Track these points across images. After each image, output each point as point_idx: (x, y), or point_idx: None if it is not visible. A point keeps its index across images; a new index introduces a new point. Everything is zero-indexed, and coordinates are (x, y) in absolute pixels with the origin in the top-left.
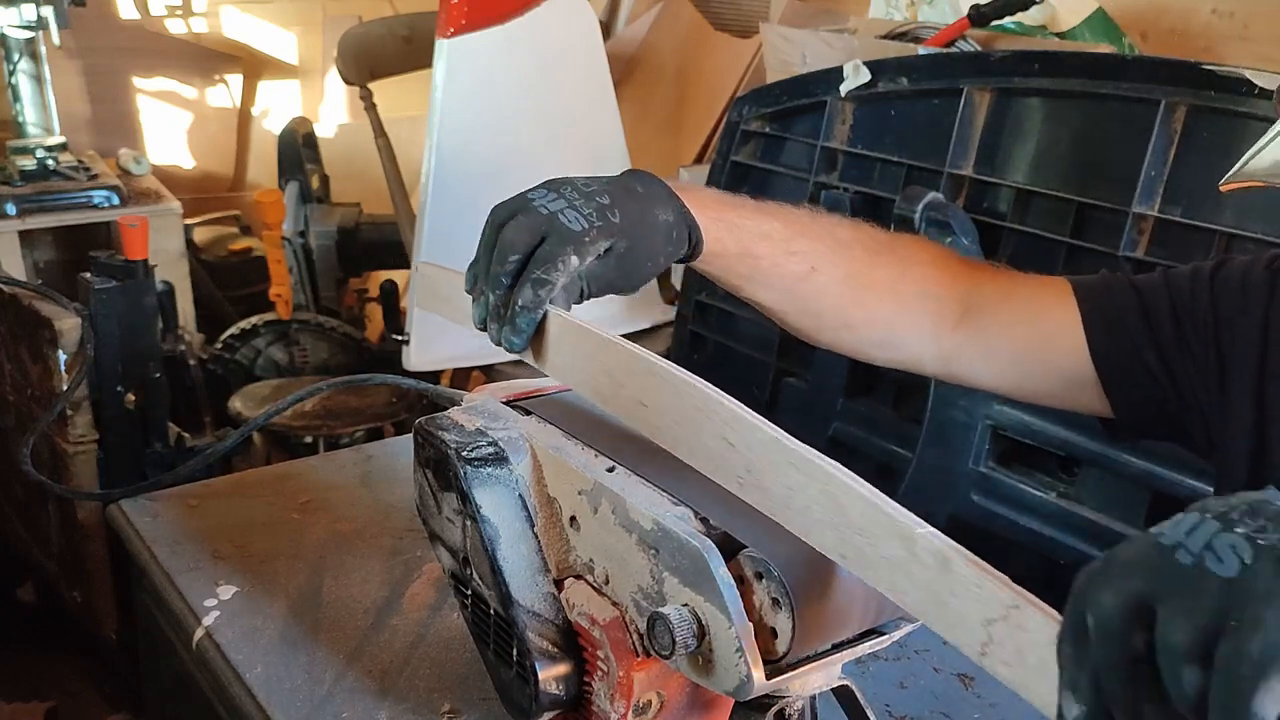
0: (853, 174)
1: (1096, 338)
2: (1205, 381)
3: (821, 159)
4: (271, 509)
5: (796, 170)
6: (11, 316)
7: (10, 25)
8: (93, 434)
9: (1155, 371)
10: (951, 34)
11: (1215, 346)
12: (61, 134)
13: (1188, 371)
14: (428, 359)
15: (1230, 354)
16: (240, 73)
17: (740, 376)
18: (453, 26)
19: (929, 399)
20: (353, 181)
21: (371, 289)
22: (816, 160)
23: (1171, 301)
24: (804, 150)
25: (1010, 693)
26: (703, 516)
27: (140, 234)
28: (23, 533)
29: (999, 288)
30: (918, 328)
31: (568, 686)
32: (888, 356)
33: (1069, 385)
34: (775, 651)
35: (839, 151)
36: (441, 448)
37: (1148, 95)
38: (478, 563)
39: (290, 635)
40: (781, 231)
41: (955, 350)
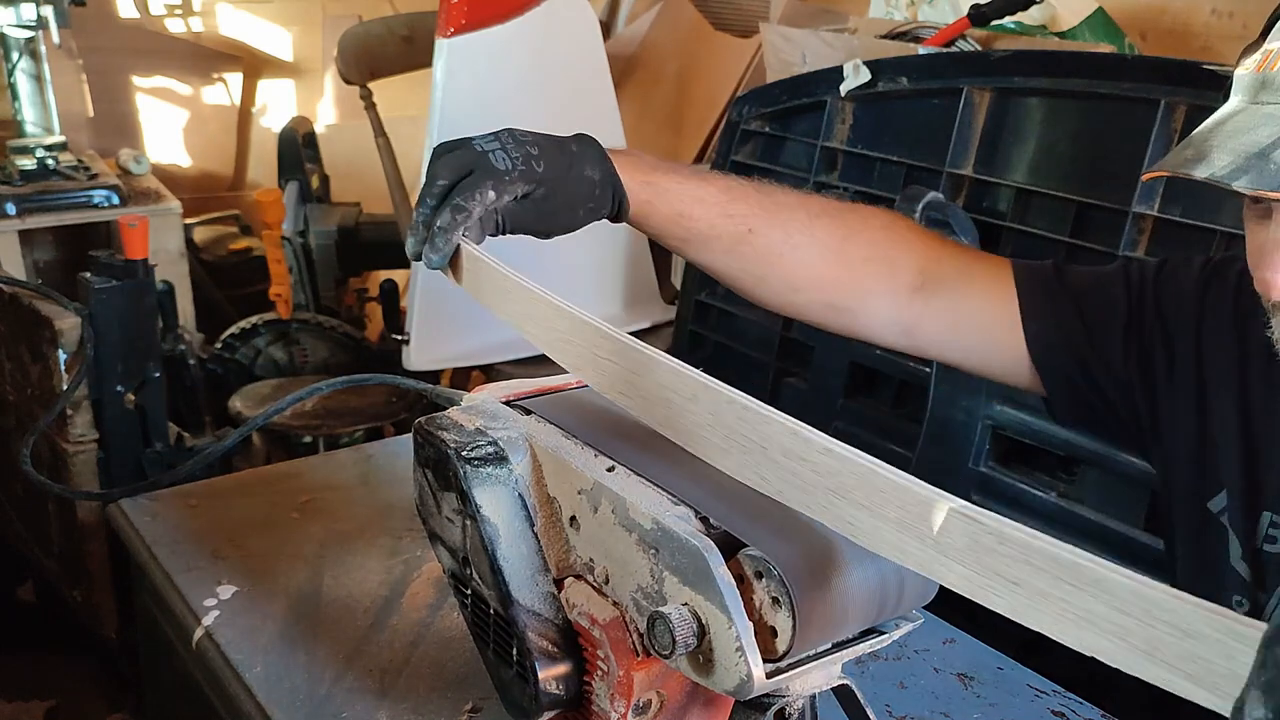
0: (853, 174)
1: (1031, 329)
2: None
3: (821, 159)
4: (271, 509)
5: (796, 170)
6: (11, 316)
7: (10, 25)
8: (93, 434)
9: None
10: (951, 34)
11: (1165, 346)
12: (61, 134)
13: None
14: (428, 359)
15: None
16: (240, 72)
17: (740, 376)
18: (453, 26)
19: (929, 399)
20: (353, 181)
21: (371, 289)
22: (816, 160)
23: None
24: (804, 150)
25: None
26: (703, 516)
27: (140, 234)
28: (23, 532)
29: (960, 264)
30: (870, 293)
31: (568, 686)
32: (843, 323)
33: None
34: (775, 651)
35: (839, 151)
36: (441, 447)
37: (1148, 95)
38: (478, 562)
39: (290, 635)
40: (717, 196)
41: (917, 322)
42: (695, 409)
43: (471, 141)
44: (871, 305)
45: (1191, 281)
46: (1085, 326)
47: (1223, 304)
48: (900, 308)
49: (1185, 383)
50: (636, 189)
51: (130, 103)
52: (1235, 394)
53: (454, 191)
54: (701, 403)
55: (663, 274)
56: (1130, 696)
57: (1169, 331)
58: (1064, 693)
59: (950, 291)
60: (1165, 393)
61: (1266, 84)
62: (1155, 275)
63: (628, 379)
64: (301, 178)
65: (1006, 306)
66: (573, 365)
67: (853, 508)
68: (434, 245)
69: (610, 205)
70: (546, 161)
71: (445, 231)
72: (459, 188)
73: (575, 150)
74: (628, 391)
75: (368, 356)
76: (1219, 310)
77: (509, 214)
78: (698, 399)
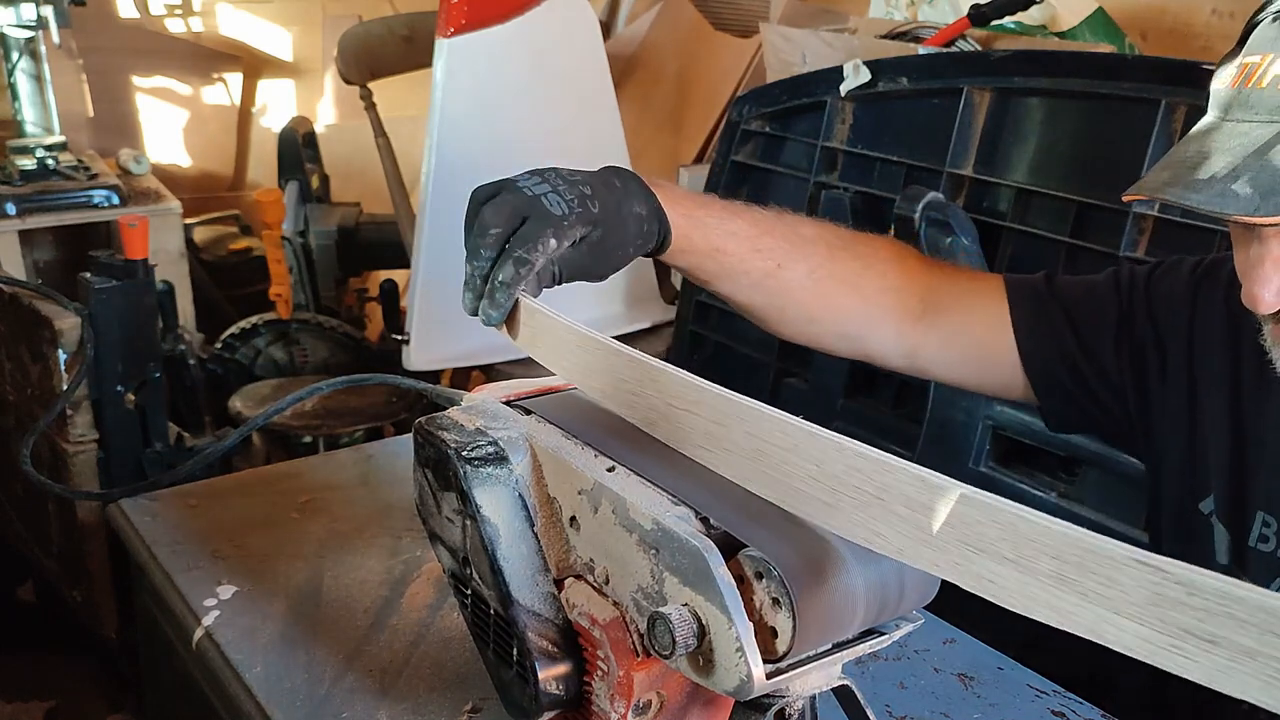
0: (853, 174)
1: (1024, 342)
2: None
3: (821, 159)
4: (271, 509)
5: (796, 170)
6: (11, 316)
7: (10, 25)
8: (93, 434)
9: (1084, 374)
10: (951, 34)
11: (1158, 348)
12: (61, 134)
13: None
14: (428, 359)
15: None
16: (240, 72)
17: (740, 376)
18: (453, 26)
19: (929, 399)
20: (353, 181)
21: (371, 289)
22: (816, 160)
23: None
24: (804, 150)
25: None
26: (703, 516)
27: (140, 234)
28: (23, 532)
29: (957, 287)
30: (879, 322)
31: (568, 686)
32: (851, 349)
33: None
34: (775, 651)
35: (839, 151)
36: (441, 447)
37: (1148, 95)
38: (478, 562)
39: (290, 635)
40: (748, 230)
41: (918, 345)
42: (796, 460)
43: (517, 184)
44: (879, 333)
45: (1183, 284)
46: (1076, 333)
47: (1214, 306)
48: (904, 334)
49: (1177, 384)
50: (679, 222)
51: (130, 103)
52: (1226, 395)
53: (512, 242)
54: (803, 453)
55: (663, 274)
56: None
57: (1160, 334)
58: (1064, 693)
59: (949, 315)
60: (1158, 395)
61: (1241, 101)
62: (1146, 278)
63: (709, 430)
64: (301, 178)
65: (1000, 322)
66: (645, 420)
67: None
68: (494, 301)
69: (656, 240)
70: (600, 201)
71: (507, 286)
72: (517, 237)
73: (620, 185)
74: (709, 444)
75: (368, 356)
76: (1211, 312)
77: (565, 261)
78: (798, 449)
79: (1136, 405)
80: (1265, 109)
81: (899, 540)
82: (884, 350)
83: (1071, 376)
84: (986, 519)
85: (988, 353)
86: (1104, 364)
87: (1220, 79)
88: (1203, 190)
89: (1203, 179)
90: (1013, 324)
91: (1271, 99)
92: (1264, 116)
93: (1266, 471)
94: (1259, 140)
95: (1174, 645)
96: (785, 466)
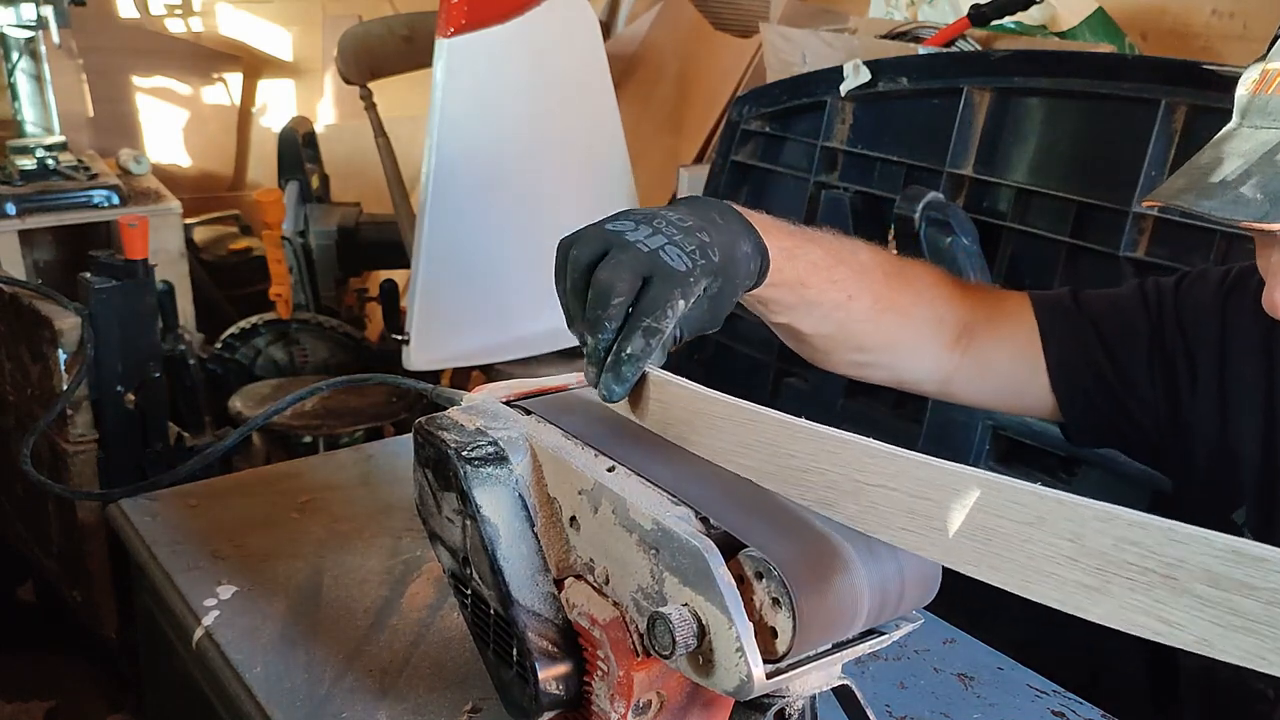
0: (853, 174)
1: (1053, 360)
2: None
3: (821, 159)
4: (271, 509)
5: (796, 170)
6: (11, 316)
7: (10, 25)
8: (93, 434)
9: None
10: (951, 34)
11: (1188, 360)
12: (61, 134)
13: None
14: (428, 359)
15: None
16: (240, 72)
17: (740, 376)
18: (453, 26)
19: (929, 399)
20: (353, 181)
21: (371, 289)
22: (816, 160)
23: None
24: (804, 150)
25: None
26: (703, 516)
27: (140, 234)
28: (23, 532)
29: (987, 312)
30: (922, 351)
31: (568, 686)
32: (891, 378)
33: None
34: (775, 651)
35: (839, 151)
36: (441, 447)
37: (1148, 95)
38: (478, 562)
39: (290, 635)
40: (824, 260)
41: (953, 372)
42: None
43: (625, 236)
44: (918, 361)
45: (1211, 294)
46: (1106, 348)
47: (1244, 315)
48: (941, 361)
49: (1208, 395)
50: (776, 255)
51: (130, 103)
52: (1260, 405)
53: (638, 309)
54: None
55: None
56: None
57: (1190, 345)
58: (1064, 693)
59: (982, 341)
60: (1189, 406)
61: (1259, 107)
62: (1174, 290)
63: (913, 508)
64: (301, 178)
65: (1030, 344)
66: (821, 501)
67: None
68: (619, 376)
69: (757, 278)
70: (718, 248)
71: (636, 360)
72: (644, 305)
73: (722, 223)
74: (914, 526)
75: (368, 356)
76: (1242, 322)
77: (685, 320)
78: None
79: (1167, 418)
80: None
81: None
82: (919, 377)
83: (1100, 391)
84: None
85: (1020, 376)
86: (1135, 378)
87: (1244, 84)
88: (1215, 196)
89: (1214, 184)
90: (1042, 343)
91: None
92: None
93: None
94: (1270, 144)
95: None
96: (1028, 546)
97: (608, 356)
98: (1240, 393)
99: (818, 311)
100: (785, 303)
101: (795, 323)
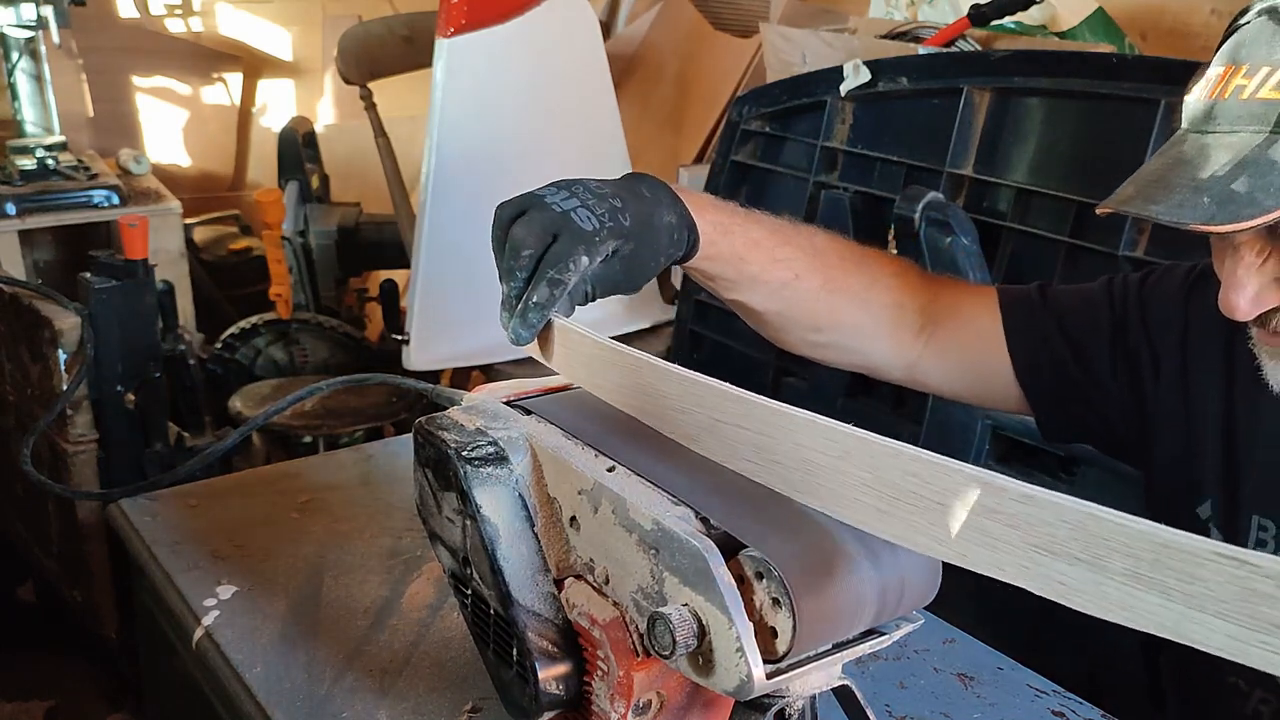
0: (853, 174)
1: (1017, 354)
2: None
3: (821, 159)
4: (271, 509)
5: (796, 170)
6: (11, 316)
7: (10, 25)
8: (93, 434)
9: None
10: (951, 34)
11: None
12: (61, 134)
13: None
14: (428, 359)
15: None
16: (240, 72)
17: (739, 376)
18: (453, 26)
19: (929, 399)
20: (353, 181)
21: (371, 289)
22: (816, 160)
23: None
24: (804, 150)
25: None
26: (703, 516)
27: (140, 234)
28: (23, 532)
29: (953, 300)
30: (882, 336)
31: (568, 686)
32: (851, 361)
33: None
34: (775, 651)
35: (839, 151)
36: (441, 447)
37: (1147, 95)
38: (478, 562)
39: (290, 635)
40: (769, 239)
41: (917, 359)
42: (847, 468)
43: (544, 199)
44: (880, 346)
45: (1176, 289)
46: (1069, 342)
47: (1208, 310)
48: (904, 348)
49: (1171, 390)
50: (708, 229)
51: (130, 103)
52: (1220, 399)
53: (544, 261)
54: (855, 459)
55: (663, 274)
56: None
57: (1153, 339)
58: (1064, 693)
59: (945, 329)
60: (1152, 401)
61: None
62: (1139, 285)
63: (758, 443)
64: (301, 178)
65: (994, 335)
66: (687, 436)
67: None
68: (525, 322)
69: (685, 248)
70: (630, 213)
71: (541, 307)
72: (549, 257)
73: (649, 195)
74: (757, 458)
75: (368, 356)
76: (1204, 317)
77: (598, 278)
78: (850, 455)
79: (1131, 412)
80: (1226, 120)
81: (962, 546)
82: (884, 363)
83: (1066, 386)
84: (1054, 518)
85: (983, 366)
86: (1098, 372)
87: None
88: (1162, 201)
89: (1162, 189)
90: (1006, 336)
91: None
92: (1225, 127)
93: (1261, 475)
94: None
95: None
96: (838, 476)
97: (518, 304)
98: (1202, 387)
99: (764, 288)
100: (728, 278)
101: (745, 299)
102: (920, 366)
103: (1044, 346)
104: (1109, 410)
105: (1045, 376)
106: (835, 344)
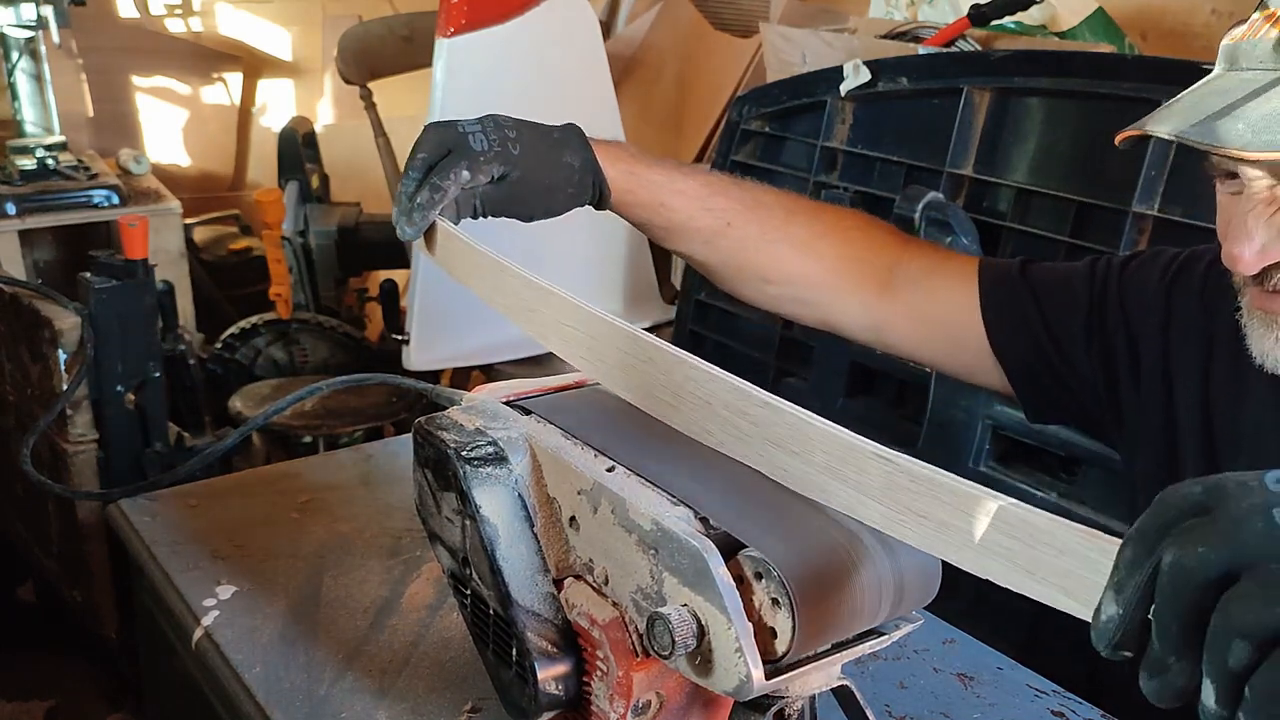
0: (853, 173)
1: (993, 329)
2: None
3: (821, 159)
4: (271, 509)
5: (796, 170)
6: (11, 316)
7: (10, 25)
8: (93, 434)
9: (1054, 362)
10: (951, 34)
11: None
12: (61, 134)
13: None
14: (428, 359)
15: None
16: (240, 72)
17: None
18: (453, 26)
19: (929, 399)
20: (353, 181)
21: (371, 289)
22: (816, 160)
23: (1090, 293)
24: (804, 150)
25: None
26: (702, 516)
27: (140, 233)
28: (23, 532)
29: (927, 263)
30: (841, 290)
31: (567, 686)
32: (814, 316)
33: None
34: (775, 651)
35: (839, 151)
36: (441, 447)
37: (1148, 95)
38: (477, 563)
39: (290, 635)
40: (698, 190)
41: (884, 318)
42: (651, 370)
43: (457, 123)
44: (842, 302)
45: (1158, 275)
46: (1044, 320)
47: (1189, 298)
48: (869, 306)
49: (1151, 377)
50: (617, 177)
51: (130, 103)
52: (1199, 387)
53: (433, 170)
54: (656, 364)
55: (663, 274)
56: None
57: (1131, 324)
58: (1064, 693)
59: (916, 290)
60: (1128, 386)
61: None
62: (1121, 268)
63: (590, 344)
64: (301, 178)
65: (968, 303)
66: (538, 333)
67: (785, 455)
68: (410, 220)
69: (591, 192)
70: (523, 146)
71: (423, 209)
72: (438, 167)
73: (557, 137)
74: (589, 357)
75: (368, 356)
76: (1185, 305)
77: (486, 197)
78: (653, 361)
79: (1106, 396)
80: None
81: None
82: (848, 321)
83: (1042, 365)
84: (779, 421)
85: (953, 333)
86: (1072, 353)
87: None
88: (1197, 127)
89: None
90: (981, 309)
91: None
92: (1262, 64)
93: (1241, 464)
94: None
95: (901, 519)
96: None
97: (408, 203)
98: (1182, 374)
99: (696, 237)
100: (657, 224)
101: (683, 249)
102: (888, 327)
103: (1021, 323)
104: (1081, 390)
105: (1023, 354)
106: (791, 296)
